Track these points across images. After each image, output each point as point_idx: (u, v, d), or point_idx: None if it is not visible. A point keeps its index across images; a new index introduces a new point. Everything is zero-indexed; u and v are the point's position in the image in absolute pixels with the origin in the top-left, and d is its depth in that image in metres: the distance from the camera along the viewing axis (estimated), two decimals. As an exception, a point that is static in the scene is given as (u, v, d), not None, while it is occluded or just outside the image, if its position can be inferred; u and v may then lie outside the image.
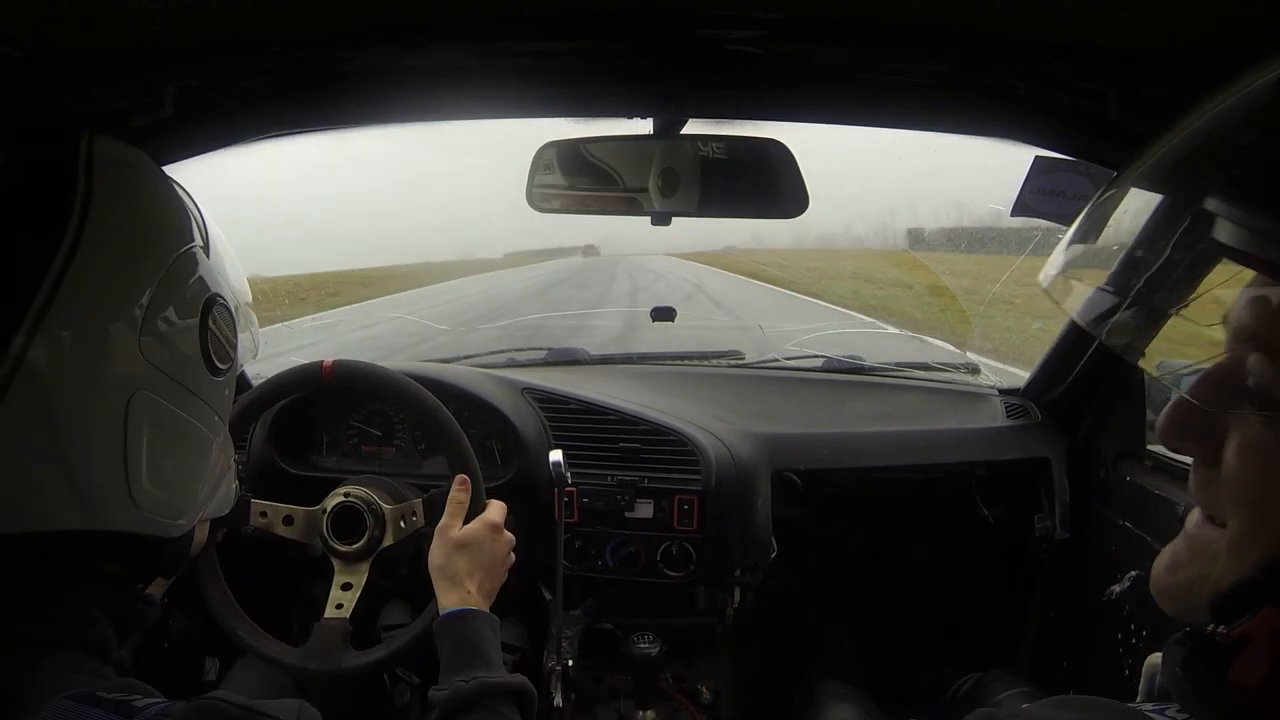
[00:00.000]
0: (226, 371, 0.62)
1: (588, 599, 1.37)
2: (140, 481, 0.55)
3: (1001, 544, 1.52)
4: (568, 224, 20.36)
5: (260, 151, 0.91)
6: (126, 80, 0.70)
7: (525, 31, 0.72)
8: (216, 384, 0.61)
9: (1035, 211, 0.95)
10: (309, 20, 0.66)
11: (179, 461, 0.59)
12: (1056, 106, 0.80)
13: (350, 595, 1.03)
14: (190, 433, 0.59)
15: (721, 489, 1.24)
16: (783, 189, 0.99)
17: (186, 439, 0.59)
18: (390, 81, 0.82)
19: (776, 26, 0.71)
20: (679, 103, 0.88)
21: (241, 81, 0.79)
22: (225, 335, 0.62)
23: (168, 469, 0.57)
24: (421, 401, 1.06)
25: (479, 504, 1.01)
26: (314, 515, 1.06)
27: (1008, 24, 0.66)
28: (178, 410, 0.57)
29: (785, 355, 1.81)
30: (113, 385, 0.53)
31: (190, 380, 0.58)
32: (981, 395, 1.57)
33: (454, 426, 1.06)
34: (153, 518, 0.57)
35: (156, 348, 0.55)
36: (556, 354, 1.74)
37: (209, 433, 0.62)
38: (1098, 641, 1.25)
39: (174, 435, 0.58)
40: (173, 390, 0.57)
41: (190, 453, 0.60)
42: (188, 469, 0.60)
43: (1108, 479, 1.31)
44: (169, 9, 0.58)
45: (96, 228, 0.53)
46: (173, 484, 0.58)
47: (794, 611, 1.66)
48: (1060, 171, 0.91)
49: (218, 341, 0.61)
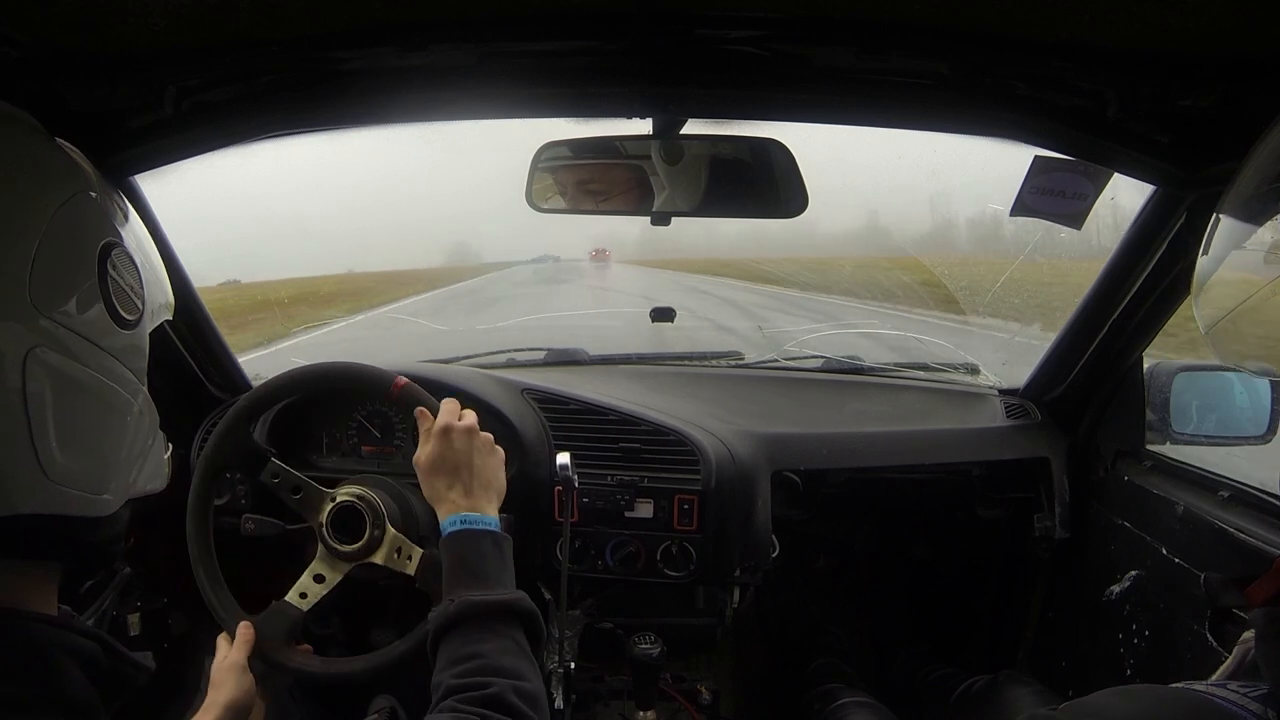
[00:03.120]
0: (135, 323, 0.58)
1: (588, 599, 1.37)
2: (50, 449, 0.50)
3: (1001, 544, 1.52)
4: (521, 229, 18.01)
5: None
6: (126, 80, 0.70)
7: (525, 31, 0.72)
8: (125, 337, 0.57)
9: (1035, 211, 0.95)
10: (309, 20, 0.66)
11: (92, 425, 0.54)
12: (1056, 106, 0.81)
13: (319, 590, 1.01)
14: (102, 392, 0.54)
15: (721, 489, 1.24)
16: (783, 189, 0.99)
17: (99, 400, 0.54)
18: (390, 81, 0.82)
19: (776, 26, 0.71)
20: (678, 103, 0.88)
21: (241, 81, 0.79)
22: (128, 283, 0.57)
23: (80, 434, 0.53)
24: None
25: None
26: (321, 497, 1.05)
27: (1008, 24, 0.66)
28: (84, 367, 0.53)
29: (785, 355, 1.82)
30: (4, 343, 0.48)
31: (95, 333, 0.54)
32: (981, 395, 1.57)
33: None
34: (71, 492, 0.52)
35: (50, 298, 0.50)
36: (556, 354, 1.74)
37: (124, 392, 0.56)
38: (1097, 641, 1.25)
39: (83, 396, 0.53)
40: (76, 345, 0.52)
41: (105, 415, 0.55)
42: (104, 434, 0.55)
43: (1107, 479, 1.31)
44: (169, 9, 0.58)
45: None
46: (90, 451, 0.54)
47: (794, 611, 1.67)
48: (1060, 171, 0.91)
49: (120, 289, 0.56)
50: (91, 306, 0.54)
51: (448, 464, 0.90)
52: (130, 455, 0.58)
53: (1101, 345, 1.28)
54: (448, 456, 0.90)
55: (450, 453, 0.91)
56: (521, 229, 12.80)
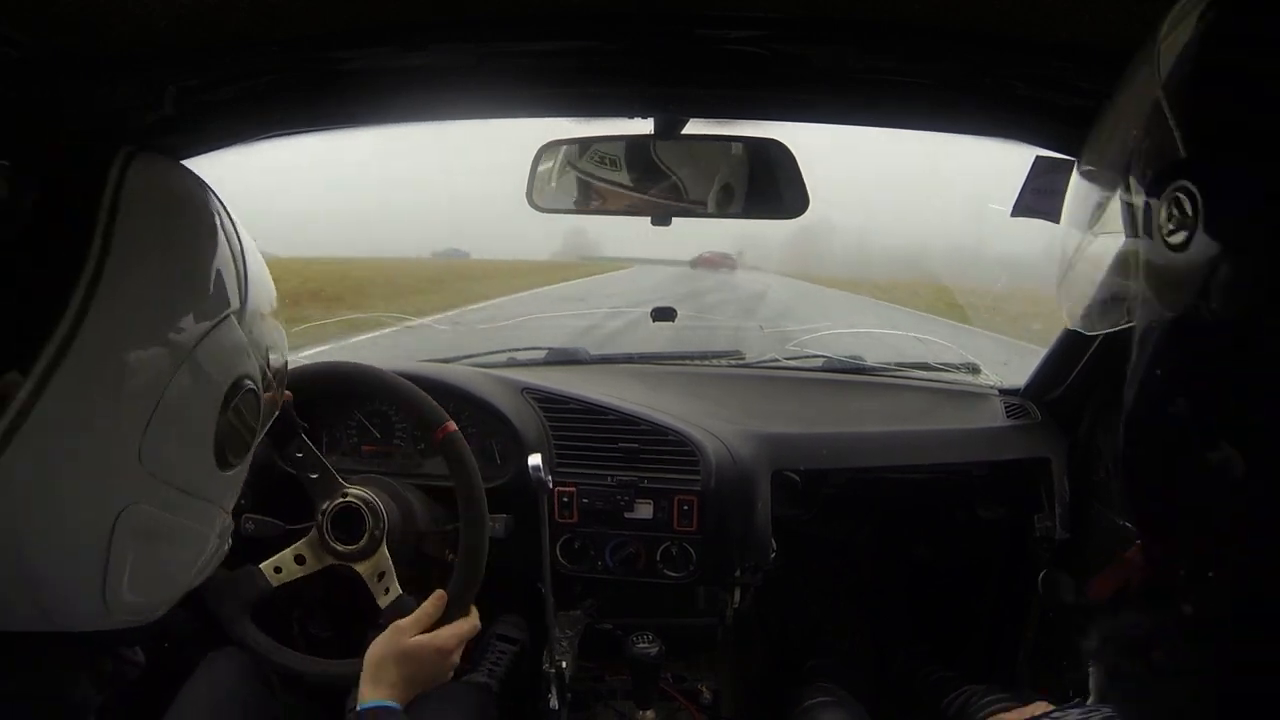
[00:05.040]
0: (238, 465, 0.52)
1: (588, 599, 1.37)
2: (118, 593, 0.47)
3: (1001, 544, 1.52)
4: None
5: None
6: (126, 80, 0.70)
7: (525, 31, 0.72)
8: (226, 480, 0.51)
9: (1035, 211, 0.95)
10: (309, 20, 0.66)
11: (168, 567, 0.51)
12: (1056, 106, 0.81)
13: (296, 570, 1.02)
14: (186, 537, 0.51)
15: (721, 489, 1.24)
16: (783, 189, 0.99)
17: (181, 544, 0.51)
18: (390, 81, 0.82)
19: (776, 26, 0.71)
20: (679, 103, 0.88)
21: (242, 81, 0.79)
22: (246, 424, 0.51)
23: (152, 577, 0.49)
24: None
25: (453, 614, 0.99)
26: (334, 488, 1.05)
27: (1008, 24, 0.66)
28: (175, 518, 0.48)
29: (785, 355, 1.82)
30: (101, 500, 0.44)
31: (194, 484, 0.49)
32: (981, 395, 1.57)
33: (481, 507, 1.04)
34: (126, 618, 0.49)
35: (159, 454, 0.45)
36: (556, 354, 1.74)
37: (207, 530, 0.52)
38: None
39: (166, 544, 0.49)
40: (172, 498, 0.47)
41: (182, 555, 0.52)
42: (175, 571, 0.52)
43: (1108, 479, 1.31)
44: (169, 9, 0.58)
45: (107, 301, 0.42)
46: (156, 588, 0.51)
47: (794, 611, 1.66)
48: (1060, 171, 0.91)
49: (234, 433, 0.50)
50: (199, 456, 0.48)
51: (414, 672, 0.93)
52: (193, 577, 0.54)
53: (1102, 345, 1.28)
54: (423, 669, 0.94)
55: (424, 671, 0.94)
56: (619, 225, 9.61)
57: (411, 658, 0.93)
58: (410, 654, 0.93)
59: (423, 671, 0.94)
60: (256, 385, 0.51)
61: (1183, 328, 0.32)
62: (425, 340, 3.56)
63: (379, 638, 0.94)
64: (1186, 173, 0.31)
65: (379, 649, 0.93)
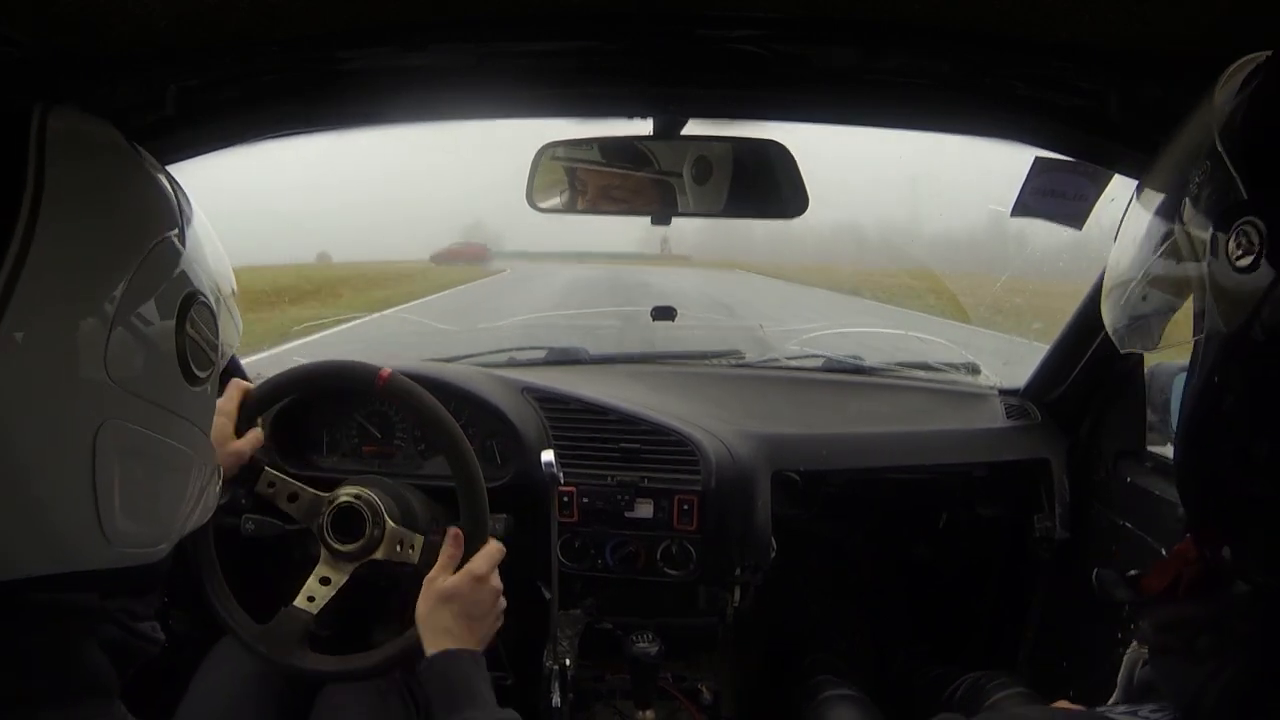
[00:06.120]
0: (206, 379, 0.55)
1: (588, 598, 1.37)
2: (113, 518, 0.48)
3: (1001, 544, 1.52)
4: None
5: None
6: (126, 80, 0.70)
7: (525, 31, 0.72)
8: (196, 395, 0.54)
9: (1035, 212, 0.95)
10: (309, 20, 0.66)
11: (157, 489, 0.53)
12: (1056, 106, 0.81)
13: (325, 591, 1.02)
14: (169, 455, 0.53)
15: (721, 489, 1.24)
16: (783, 189, 0.99)
17: (165, 463, 0.53)
18: (390, 82, 0.82)
19: (776, 26, 0.71)
20: (679, 103, 0.88)
21: (242, 81, 0.79)
22: (205, 338, 0.54)
23: (145, 499, 0.51)
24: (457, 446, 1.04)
25: (475, 546, 0.99)
26: (318, 501, 1.05)
27: (1008, 24, 0.66)
28: (153, 434, 0.50)
29: (785, 355, 1.82)
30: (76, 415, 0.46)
31: (166, 397, 0.51)
32: (981, 396, 1.57)
33: (474, 470, 1.03)
34: (130, 551, 0.51)
35: (125, 365, 0.48)
36: (556, 354, 1.74)
37: (190, 450, 0.54)
38: (1097, 641, 1.25)
39: (150, 462, 0.51)
40: (146, 411, 0.49)
41: (170, 477, 0.54)
42: (167, 495, 0.54)
43: (1108, 479, 1.31)
44: (169, 9, 0.58)
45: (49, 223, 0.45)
46: (151, 513, 0.52)
47: (794, 611, 1.66)
48: (1060, 171, 0.91)
49: (196, 346, 0.53)
50: (166, 369, 0.51)
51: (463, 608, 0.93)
52: (189, 507, 0.57)
53: (1102, 346, 1.28)
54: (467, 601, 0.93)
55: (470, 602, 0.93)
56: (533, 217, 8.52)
57: (454, 595, 0.93)
58: (451, 593, 0.93)
59: (471, 604, 0.93)
60: (209, 300, 0.55)
61: (1242, 338, 0.38)
62: (426, 340, 3.58)
63: (420, 596, 0.94)
64: (1252, 209, 0.38)
65: (423, 606, 0.93)
